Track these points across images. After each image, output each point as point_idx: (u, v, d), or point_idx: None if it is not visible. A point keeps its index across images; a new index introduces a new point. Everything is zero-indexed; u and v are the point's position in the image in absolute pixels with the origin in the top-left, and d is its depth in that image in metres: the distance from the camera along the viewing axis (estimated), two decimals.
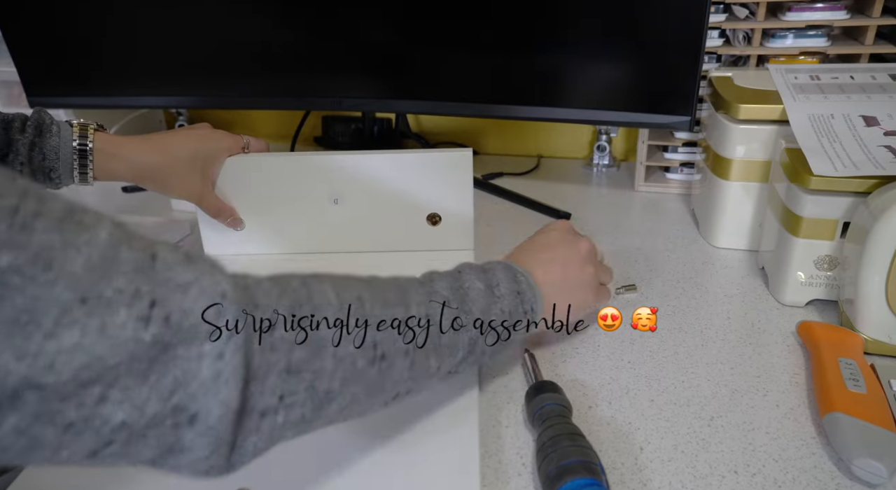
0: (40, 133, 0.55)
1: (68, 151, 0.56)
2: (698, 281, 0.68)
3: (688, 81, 0.72)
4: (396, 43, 0.84)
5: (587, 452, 0.43)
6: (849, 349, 0.54)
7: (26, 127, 0.54)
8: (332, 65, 0.87)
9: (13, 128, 0.54)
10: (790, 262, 0.61)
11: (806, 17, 0.79)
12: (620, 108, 0.78)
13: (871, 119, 0.63)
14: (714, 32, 0.83)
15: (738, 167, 0.70)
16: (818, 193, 0.58)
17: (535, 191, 0.91)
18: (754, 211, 0.71)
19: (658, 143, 0.89)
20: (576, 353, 0.57)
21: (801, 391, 0.52)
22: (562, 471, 0.41)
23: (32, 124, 0.55)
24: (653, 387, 0.53)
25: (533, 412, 0.48)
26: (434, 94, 0.85)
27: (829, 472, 0.44)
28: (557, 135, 1.06)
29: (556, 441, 0.44)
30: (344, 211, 0.70)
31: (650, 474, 0.45)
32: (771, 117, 0.67)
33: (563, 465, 0.42)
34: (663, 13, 0.72)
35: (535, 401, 0.49)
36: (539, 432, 0.46)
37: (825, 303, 0.62)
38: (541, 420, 0.47)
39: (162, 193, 0.65)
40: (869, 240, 0.52)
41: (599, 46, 0.76)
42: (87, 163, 0.57)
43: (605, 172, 1.00)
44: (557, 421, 0.46)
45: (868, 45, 0.80)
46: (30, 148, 0.54)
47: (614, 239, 0.78)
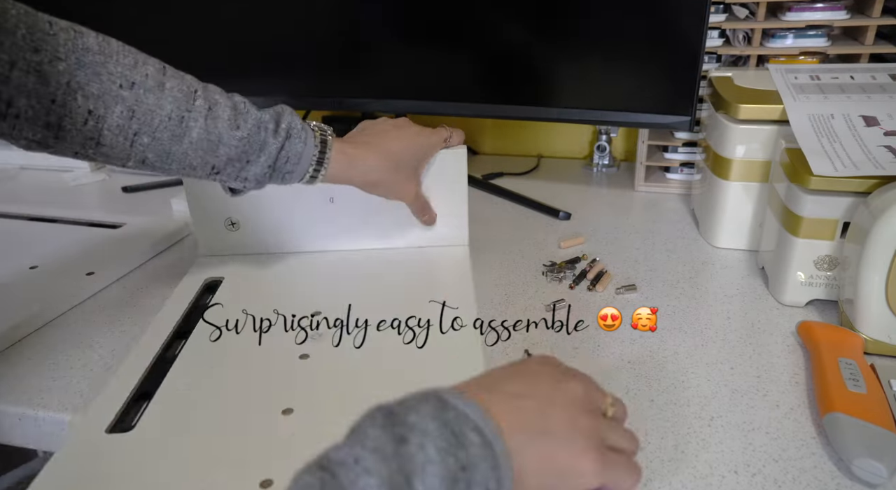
0: (289, 137, 0.56)
1: (308, 158, 0.57)
2: (698, 281, 0.68)
3: (688, 81, 0.72)
4: (397, 43, 0.84)
5: None
6: (849, 349, 0.54)
7: (279, 130, 0.55)
8: (332, 65, 0.87)
9: (268, 129, 0.55)
10: (790, 262, 0.61)
11: (806, 17, 0.79)
12: (620, 108, 0.78)
13: (871, 119, 0.63)
14: (714, 32, 0.83)
15: (738, 167, 0.70)
16: (818, 193, 0.58)
17: (535, 191, 0.91)
18: (754, 211, 0.71)
19: (658, 143, 0.89)
20: (576, 353, 0.57)
21: (801, 391, 0.52)
22: None
23: (285, 128, 0.56)
24: (653, 387, 0.53)
25: None
26: (434, 94, 0.85)
27: (829, 472, 0.44)
28: (557, 135, 1.06)
29: None
30: (339, 209, 0.71)
31: (650, 474, 0.45)
32: (771, 117, 0.67)
33: None
34: (663, 13, 0.72)
35: None
36: None
37: (825, 303, 0.62)
38: None
39: (382, 196, 0.65)
40: (869, 240, 0.52)
41: (599, 46, 0.76)
42: (322, 169, 0.58)
43: (605, 172, 1.00)
44: None
45: (868, 45, 0.80)
46: (279, 149, 0.56)
47: (614, 239, 0.78)
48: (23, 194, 0.98)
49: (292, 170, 0.57)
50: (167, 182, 0.98)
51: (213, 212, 0.71)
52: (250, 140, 0.54)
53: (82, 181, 1.01)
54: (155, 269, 0.75)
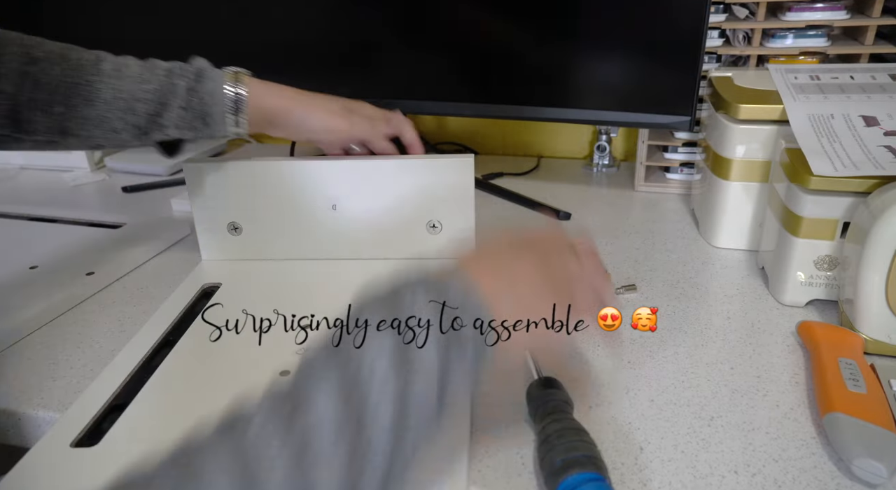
0: (200, 76, 0.58)
1: (221, 95, 0.58)
2: (698, 281, 0.68)
3: (688, 81, 0.72)
4: (397, 43, 0.84)
5: (592, 448, 0.43)
6: (849, 349, 0.54)
7: (186, 72, 0.57)
8: (332, 65, 0.87)
9: (177, 74, 0.57)
10: (790, 262, 0.61)
11: (806, 17, 0.79)
12: (620, 108, 0.78)
13: (871, 119, 0.63)
14: (714, 32, 0.83)
15: (738, 167, 0.70)
16: (818, 193, 0.58)
17: (535, 191, 0.91)
18: (754, 211, 0.71)
19: (658, 143, 0.89)
20: (576, 353, 0.57)
21: (801, 391, 0.52)
22: (568, 463, 0.41)
23: (193, 70, 0.58)
24: (653, 387, 0.53)
25: (536, 407, 0.48)
26: (434, 94, 0.85)
27: (829, 472, 0.44)
28: (557, 135, 1.06)
29: (561, 434, 0.44)
30: (342, 216, 0.69)
31: (650, 474, 0.45)
32: (771, 117, 0.67)
33: (568, 458, 0.41)
34: (663, 13, 0.72)
35: (539, 396, 0.49)
36: (542, 426, 0.46)
37: (825, 303, 0.62)
38: (545, 414, 0.47)
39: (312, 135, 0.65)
40: (869, 240, 0.52)
41: (599, 46, 0.76)
42: (242, 106, 0.59)
43: (605, 172, 1.00)
44: (562, 416, 0.46)
45: (868, 45, 0.80)
46: (188, 89, 0.57)
47: (614, 239, 0.78)
48: (23, 194, 0.98)
49: (209, 111, 0.57)
50: (167, 182, 0.98)
51: (217, 216, 0.70)
52: (162, 90, 0.56)
53: (82, 181, 1.01)
54: (155, 269, 0.75)
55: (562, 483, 0.40)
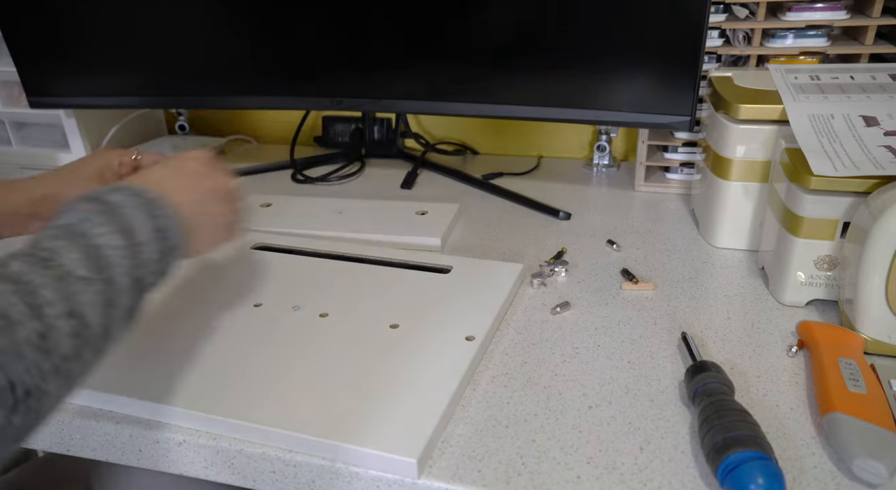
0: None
1: None
2: (698, 281, 0.68)
3: (688, 81, 0.72)
4: (397, 43, 0.84)
5: (755, 428, 0.44)
6: (849, 349, 0.54)
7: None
8: (332, 65, 0.87)
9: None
10: (790, 262, 0.61)
11: (806, 17, 0.79)
12: (620, 108, 0.78)
13: (871, 119, 0.63)
14: (714, 32, 0.83)
15: (738, 167, 0.70)
16: (818, 193, 0.58)
17: (535, 191, 0.91)
18: (754, 211, 0.71)
19: (658, 143, 0.89)
20: (576, 353, 0.57)
21: (801, 391, 0.52)
22: (729, 442, 0.42)
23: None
24: (653, 387, 0.53)
25: (693, 390, 0.49)
26: (434, 94, 0.85)
27: (829, 472, 0.44)
28: (557, 135, 1.06)
29: (721, 414, 0.45)
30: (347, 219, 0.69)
31: (650, 474, 0.45)
32: (771, 117, 0.67)
33: (730, 436, 0.42)
34: (663, 13, 0.72)
35: (696, 379, 0.50)
36: (702, 407, 0.47)
37: (825, 303, 0.62)
38: (704, 395, 0.48)
39: None
40: (869, 240, 0.52)
41: (599, 46, 0.76)
42: None
43: (605, 172, 1.00)
44: (721, 397, 0.47)
45: (868, 45, 0.80)
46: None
47: (614, 239, 0.78)
48: None
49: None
50: None
51: None
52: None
53: None
54: None
55: (724, 461, 0.41)
